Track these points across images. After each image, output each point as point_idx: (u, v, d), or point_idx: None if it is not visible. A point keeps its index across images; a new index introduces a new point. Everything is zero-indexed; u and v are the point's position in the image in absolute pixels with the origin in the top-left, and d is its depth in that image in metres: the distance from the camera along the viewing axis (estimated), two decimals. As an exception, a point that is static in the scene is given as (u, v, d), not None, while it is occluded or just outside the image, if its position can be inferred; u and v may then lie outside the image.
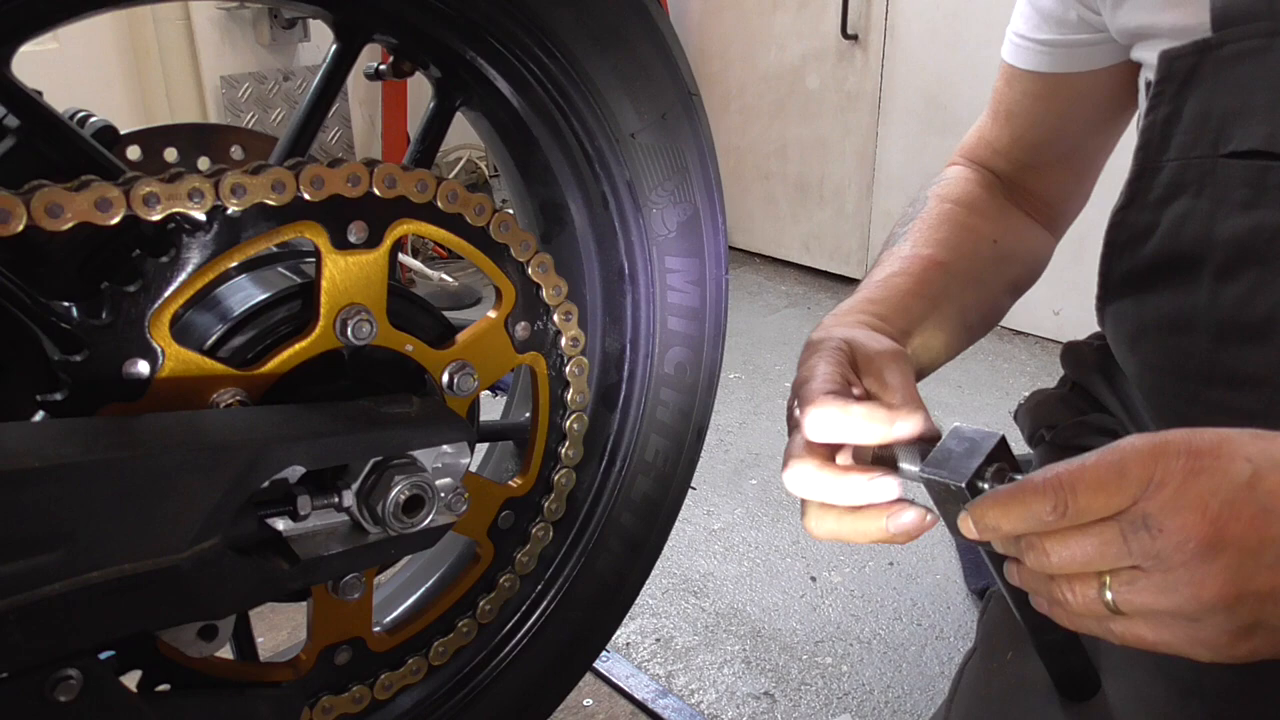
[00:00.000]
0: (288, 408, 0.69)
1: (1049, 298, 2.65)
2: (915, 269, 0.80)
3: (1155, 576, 0.48)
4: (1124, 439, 0.50)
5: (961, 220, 0.87)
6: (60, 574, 0.54)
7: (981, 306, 0.86)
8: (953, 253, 0.83)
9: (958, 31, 2.69)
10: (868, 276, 0.82)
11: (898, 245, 0.85)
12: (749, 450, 2.19)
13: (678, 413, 0.97)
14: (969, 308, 0.84)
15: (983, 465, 0.55)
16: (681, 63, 0.85)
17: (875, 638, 1.60)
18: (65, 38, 2.54)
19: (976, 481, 0.54)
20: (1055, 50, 0.86)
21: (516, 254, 0.80)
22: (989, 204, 0.91)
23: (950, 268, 0.82)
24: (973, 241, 0.86)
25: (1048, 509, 0.49)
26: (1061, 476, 0.50)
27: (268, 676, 0.77)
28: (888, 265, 0.82)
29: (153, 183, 0.60)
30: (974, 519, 0.53)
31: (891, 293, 0.78)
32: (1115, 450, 0.49)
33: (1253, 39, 0.67)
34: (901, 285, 0.79)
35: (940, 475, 0.55)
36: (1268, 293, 0.68)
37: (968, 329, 0.84)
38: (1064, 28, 0.85)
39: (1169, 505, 0.47)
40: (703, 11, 3.34)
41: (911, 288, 0.78)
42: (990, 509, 0.52)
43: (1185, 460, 0.48)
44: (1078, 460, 0.50)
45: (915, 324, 0.76)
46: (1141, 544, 0.48)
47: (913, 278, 0.79)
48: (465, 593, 0.88)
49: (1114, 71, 0.85)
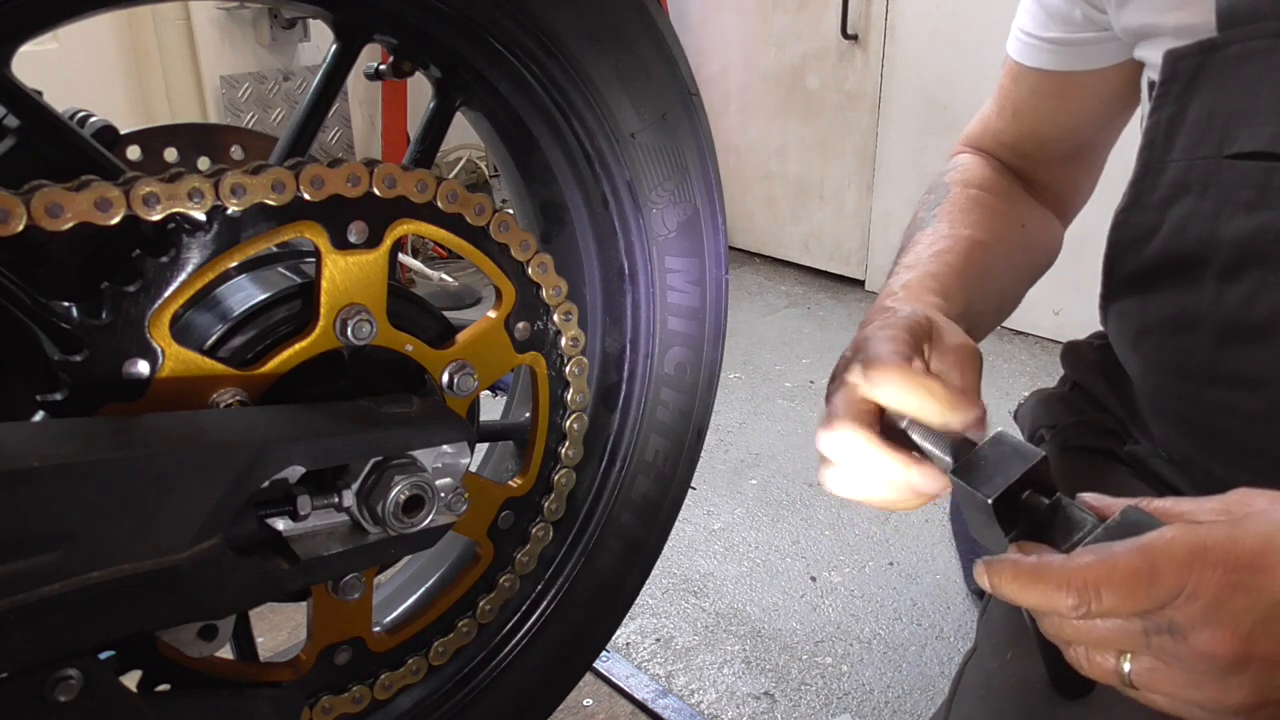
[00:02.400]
0: (288, 408, 0.69)
1: (1049, 298, 2.65)
2: (961, 248, 0.79)
3: (1176, 672, 0.47)
4: (1159, 533, 0.47)
5: (989, 204, 0.86)
6: (60, 574, 0.54)
7: (1011, 289, 0.86)
8: (989, 234, 0.82)
9: (958, 31, 2.69)
10: (909, 253, 0.80)
11: (933, 226, 0.83)
12: (749, 450, 2.19)
13: (678, 413, 0.97)
14: (1004, 289, 0.83)
15: (1014, 486, 0.52)
16: (681, 63, 0.85)
17: (875, 638, 1.60)
18: (65, 38, 2.54)
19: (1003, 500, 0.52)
20: (1061, 49, 0.86)
21: (516, 254, 0.80)
22: (1010, 190, 0.91)
23: (989, 249, 0.81)
24: (1004, 225, 0.86)
25: (1069, 603, 0.47)
26: (1088, 573, 0.46)
27: (268, 676, 0.77)
28: (933, 243, 0.80)
29: (153, 183, 0.60)
30: (990, 581, 0.50)
31: (945, 269, 0.76)
32: (1149, 549, 0.46)
33: (1258, 39, 0.67)
34: (953, 263, 0.77)
35: (968, 483, 0.54)
36: (1271, 294, 0.68)
37: (998, 311, 0.84)
38: (1069, 26, 0.84)
39: (1199, 619, 0.45)
40: (703, 11, 3.34)
41: (962, 266, 0.77)
42: (1008, 582, 0.49)
43: (1223, 573, 0.45)
44: (1108, 553, 0.47)
45: (966, 302, 0.75)
46: (1164, 645, 0.46)
47: (960, 256, 0.78)
48: (465, 593, 0.88)
49: (1120, 69, 0.85)
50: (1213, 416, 0.74)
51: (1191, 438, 0.78)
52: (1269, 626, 0.44)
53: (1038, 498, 0.54)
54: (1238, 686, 0.45)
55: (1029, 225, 0.89)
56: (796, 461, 2.13)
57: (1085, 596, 0.46)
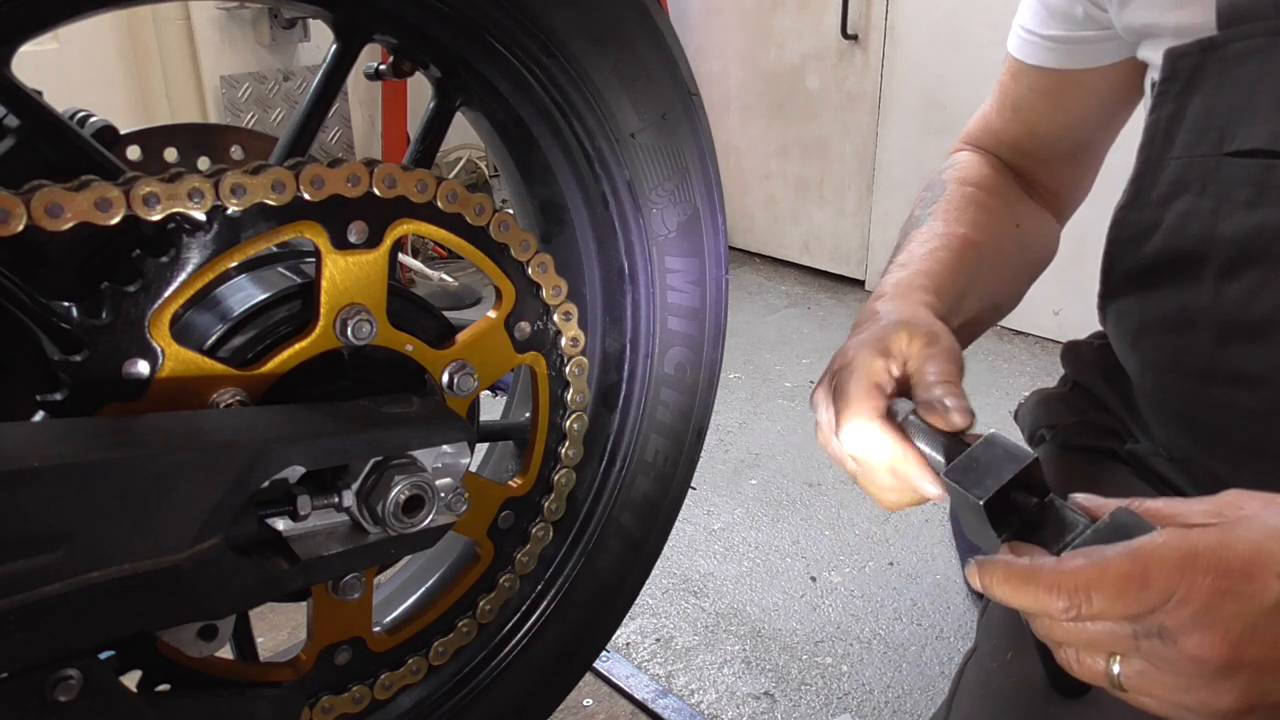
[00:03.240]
0: (288, 408, 0.69)
1: (1049, 298, 2.65)
2: (955, 246, 0.80)
3: (1166, 676, 0.47)
4: (1150, 538, 0.47)
5: (984, 203, 0.87)
6: (60, 574, 0.54)
7: (1006, 288, 0.86)
8: (982, 233, 0.83)
9: (958, 31, 2.69)
10: (904, 251, 0.81)
11: (928, 224, 0.84)
12: (749, 450, 2.19)
13: (678, 413, 0.97)
14: (998, 287, 0.84)
15: (1006, 486, 0.53)
16: (681, 63, 0.85)
17: (875, 638, 1.60)
18: (65, 38, 2.54)
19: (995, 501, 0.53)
20: (1062, 46, 0.86)
21: (516, 254, 0.80)
22: (1007, 189, 0.91)
23: (982, 248, 0.82)
24: (998, 224, 0.86)
25: (1059, 605, 0.47)
26: (1079, 576, 0.47)
27: (268, 676, 0.77)
28: (927, 241, 0.81)
29: (153, 183, 0.60)
30: (981, 582, 0.51)
31: (938, 267, 0.77)
32: (1140, 554, 0.46)
33: (1258, 37, 0.67)
34: (946, 260, 0.78)
35: (961, 484, 0.55)
36: (1270, 291, 0.68)
37: (995, 310, 0.85)
38: (1071, 24, 0.84)
39: (1189, 624, 0.45)
40: (703, 11, 3.34)
41: (954, 264, 0.78)
42: (1000, 584, 0.50)
43: (1214, 579, 0.45)
44: (1099, 556, 0.47)
45: (958, 300, 0.76)
46: (1153, 649, 0.46)
47: (954, 254, 0.79)
48: (465, 593, 0.88)
49: (1120, 68, 0.85)
50: (1212, 415, 0.74)
51: (1191, 436, 0.78)
52: (1259, 632, 0.45)
53: (1029, 499, 0.54)
54: (1227, 691, 0.45)
55: (1024, 224, 0.89)
56: (796, 461, 2.13)
57: (1076, 599, 0.46)
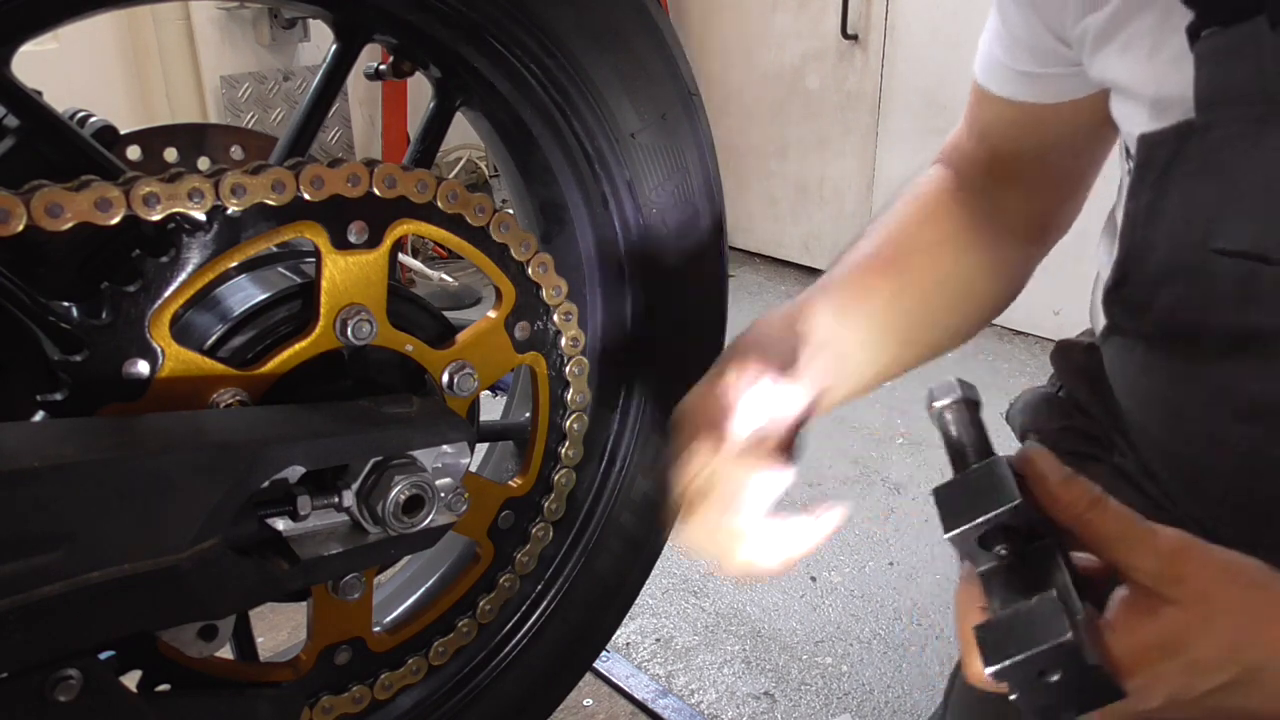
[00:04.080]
0: (288, 408, 0.69)
1: (1049, 298, 2.64)
2: (876, 266, 0.81)
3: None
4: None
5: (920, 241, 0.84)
6: (60, 574, 0.54)
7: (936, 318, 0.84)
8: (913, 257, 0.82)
9: (958, 31, 2.69)
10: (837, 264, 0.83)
11: (865, 240, 0.84)
12: (749, 450, 2.19)
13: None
14: (924, 316, 0.83)
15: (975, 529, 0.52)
16: (681, 63, 0.85)
17: (875, 638, 1.60)
18: (65, 38, 2.54)
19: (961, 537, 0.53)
20: (1031, 78, 0.79)
21: (516, 254, 0.79)
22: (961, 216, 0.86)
23: (907, 270, 0.82)
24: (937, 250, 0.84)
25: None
26: None
27: (268, 676, 0.77)
28: (853, 258, 0.82)
29: (153, 183, 0.60)
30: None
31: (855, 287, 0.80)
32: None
33: (1240, 123, 0.60)
34: (864, 282, 0.80)
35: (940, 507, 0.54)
36: (1263, 382, 0.65)
37: (930, 342, 0.84)
38: (1039, 58, 0.77)
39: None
40: (703, 11, 3.34)
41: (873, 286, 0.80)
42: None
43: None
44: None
45: (868, 324, 0.78)
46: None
47: (875, 274, 0.81)
48: (465, 593, 0.88)
49: (1098, 99, 0.76)
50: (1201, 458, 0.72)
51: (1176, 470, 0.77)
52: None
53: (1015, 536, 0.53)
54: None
55: (951, 278, 0.84)
56: (796, 461, 2.13)
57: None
